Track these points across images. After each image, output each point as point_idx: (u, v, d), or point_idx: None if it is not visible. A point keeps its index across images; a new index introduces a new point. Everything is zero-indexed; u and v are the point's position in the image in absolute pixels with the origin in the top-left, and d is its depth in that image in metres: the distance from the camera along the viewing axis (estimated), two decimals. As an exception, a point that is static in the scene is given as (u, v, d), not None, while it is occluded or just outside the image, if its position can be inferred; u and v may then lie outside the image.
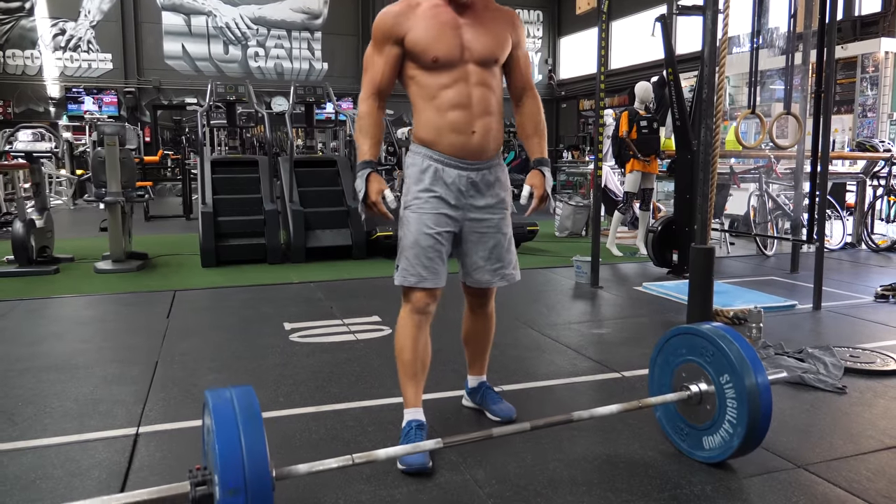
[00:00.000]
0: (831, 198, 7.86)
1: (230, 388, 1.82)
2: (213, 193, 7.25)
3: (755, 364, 2.26)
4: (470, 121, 2.37)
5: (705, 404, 2.37)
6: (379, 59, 2.40)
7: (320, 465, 1.87)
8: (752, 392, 2.22)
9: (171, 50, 19.09)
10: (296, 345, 4.01)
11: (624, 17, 18.54)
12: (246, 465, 1.62)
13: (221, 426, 1.67)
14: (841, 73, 12.43)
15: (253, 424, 1.68)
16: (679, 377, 2.46)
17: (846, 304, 5.04)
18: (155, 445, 2.63)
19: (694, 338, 2.42)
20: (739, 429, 2.25)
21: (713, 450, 2.37)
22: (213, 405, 1.73)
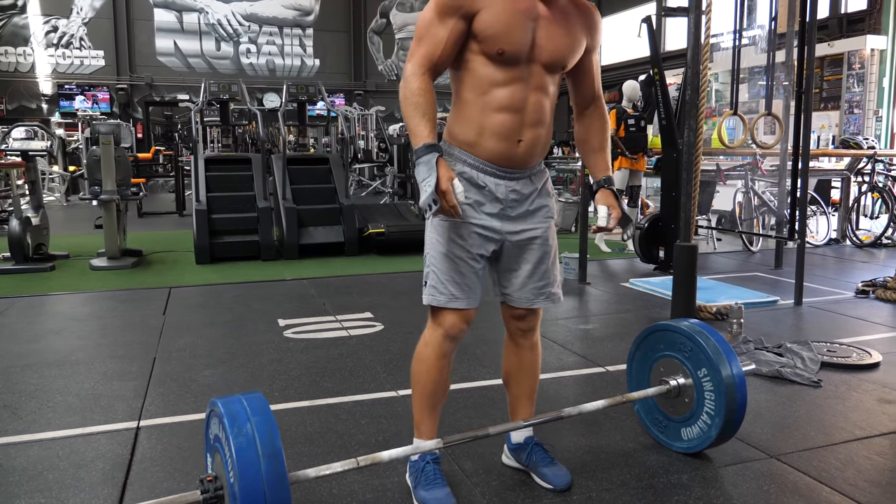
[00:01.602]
0: (816, 194, 8.01)
1: (241, 397, 1.80)
2: (207, 191, 7.33)
3: (730, 357, 2.37)
4: (519, 128, 2.08)
5: (684, 397, 2.48)
6: (442, 30, 2.01)
7: (327, 468, 1.92)
8: (729, 384, 2.33)
9: (163, 47, 19.12)
10: (290, 341, 4.11)
11: (614, 13, 18.65)
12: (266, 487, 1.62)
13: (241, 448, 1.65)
14: (828, 70, 12.59)
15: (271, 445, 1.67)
16: (657, 372, 2.57)
17: (827, 299, 5.17)
18: (156, 438, 2.73)
19: (672, 334, 2.53)
20: (717, 419, 2.37)
21: (691, 440, 2.48)
22: (229, 420, 1.70)
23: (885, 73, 12.03)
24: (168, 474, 2.43)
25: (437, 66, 2.04)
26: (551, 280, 2.28)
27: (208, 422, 1.89)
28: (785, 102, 6.06)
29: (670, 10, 5.32)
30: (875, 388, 3.25)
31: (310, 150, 11.60)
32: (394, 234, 7.22)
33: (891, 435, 2.74)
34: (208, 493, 1.73)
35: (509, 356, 2.40)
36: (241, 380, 3.44)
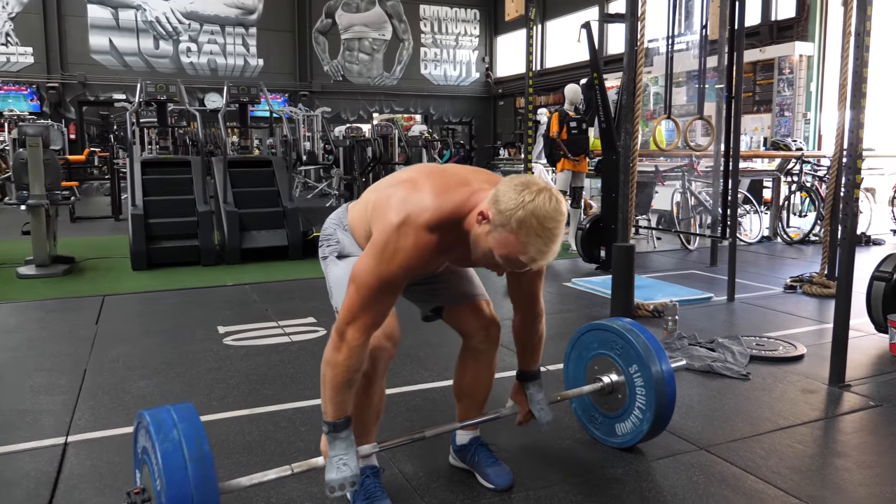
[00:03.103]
0: (749, 194, 8.28)
1: (169, 407, 1.77)
2: (144, 195, 7.17)
3: (660, 354, 2.45)
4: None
5: (617, 394, 2.55)
6: (391, 297, 1.92)
7: (261, 476, 1.91)
8: (658, 379, 2.41)
9: (98, 44, 18.59)
10: (230, 348, 4.06)
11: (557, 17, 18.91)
12: (194, 492, 1.60)
13: (167, 453, 1.62)
14: (760, 75, 13.00)
15: (198, 450, 1.65)
16: (592, 370, 2.64)
17: (758, 295, 5.35)
18: (85, 454, 2.66)
19: (605, 333, 2.60)
20: (648, 413, 2.44)
21: (625, 435, 2.55)
22: (155, 428, 1.69)
23: (813, 78, 12.48)
24: (97, 490, 2.37)
25: (377, 328, 1.95)
26: (477, 282, 2.32)
27: (136, 435, 1.86)
28: (718, 105, 6.23)
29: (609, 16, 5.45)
30: (799, 380, 3.39)
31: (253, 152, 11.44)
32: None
33: (811, 423, 2.88)
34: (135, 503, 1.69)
35: (466, 372, 2.36)
36: (177, 390, 3.38)
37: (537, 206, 1.69)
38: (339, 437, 1.93)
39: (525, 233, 1.69)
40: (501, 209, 1.71)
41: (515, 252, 1.72)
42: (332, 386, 1.91)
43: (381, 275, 1.84)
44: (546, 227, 1.69)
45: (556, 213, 1.71)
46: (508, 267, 1.80)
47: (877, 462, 2.54)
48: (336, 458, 1.92)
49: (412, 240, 1.81)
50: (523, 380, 2.34)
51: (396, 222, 1.82)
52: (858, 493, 2.32)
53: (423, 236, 1.82)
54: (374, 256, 1.85)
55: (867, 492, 2.32)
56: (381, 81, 21.84)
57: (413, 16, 22.13)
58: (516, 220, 1.69)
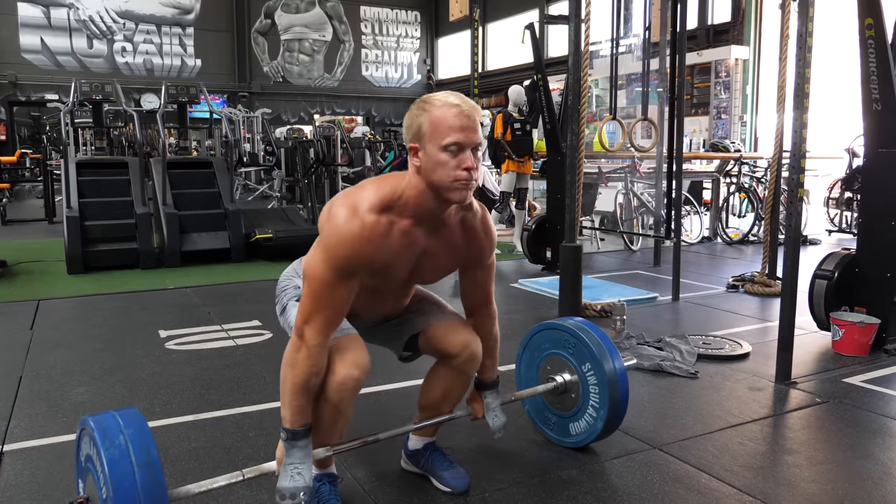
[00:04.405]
0: (690, 195, 8.44)
1: (115, 413, 1.70)
2: (80, 196, 6.92)
3: (612, 352, 2.46)
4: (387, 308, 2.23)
5: (570, 393, 2.55)
6: (344, 291, 1.87)
7: (210, 483, 1.84)
8: (612, 377, 2.41)
9: (29, 43, 17.98)
10: (172, 353, 3.94)
11: (499, 19, 19.04)
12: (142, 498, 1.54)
13: (114, 460, 1.55)
14: (698, 78, 13.32)
15: (146, 455, 1.58)
16: (545, 370, 2.63)
17: (702, 294, 5.46)
18: (22, 463, 2.54)
19: (556, 332, 2.59)
20: (602, 412, 2.44)
21: (579, 434, 2.55)
22: (100, 434, 1.61)
23: (749, 81, 12.84)
24: (36, 501, 2.27)
25: (337, 327, 1.92)
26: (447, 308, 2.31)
27: (79, 443, 1.77)
28: (660, 107, 6.35)
29: (552, 17, 5.47)
30: (746, 377, 3.45)
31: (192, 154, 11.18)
32: (282, 238, 7.06)
33: (761, 421, 2.93)
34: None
35: (438, 386, 2.28)
36: (118, 396, 3.26)
37: (425, 98, 1.84)
38: (297, 446, 1.89)
39: (439, 115, 1.78)
40: (409, 125, 1.83)
41: (447, 132, 1.77)
42: (291, 387, 1.87)
43: (332, 264, 1.82)
44: (445, 99, 1.80)
45: (440, 94, 1.84)
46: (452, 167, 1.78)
47: (826, 458, 2.59)
48: (291, 467, 1.87)
49: (358, 224, 1.81)
50: (481, 388, 2.32)
51: (342, 214, 1.83)
52: (811, 489, 2.36)
53: (369, 219, 1.82)
54: (324, 248, 1.85)
55: (819, 488, 2.36)
56: (322, 83, 21.65)
57: (353, 17, 22.01)
58: (426, 118, 1.79)
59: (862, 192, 4.19)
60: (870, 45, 3.79)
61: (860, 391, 3.27)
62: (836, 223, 9.10)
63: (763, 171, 8.48)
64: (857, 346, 3.79)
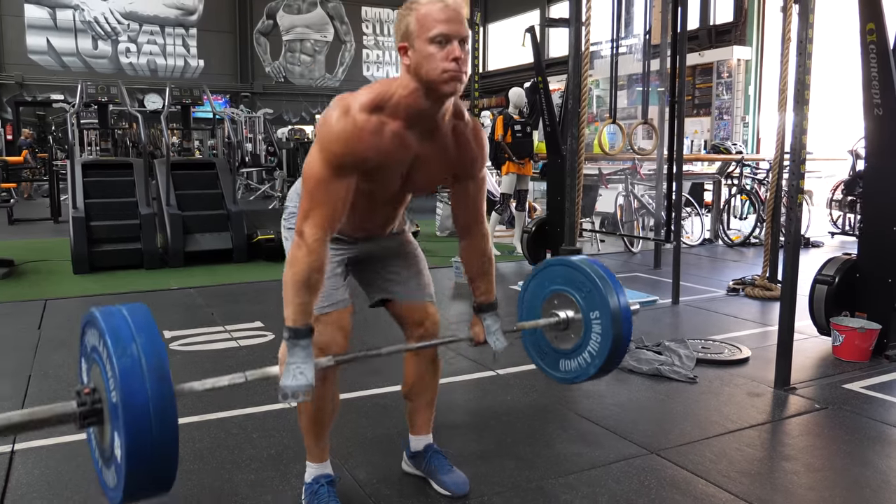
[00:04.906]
0: (690, 197, 8.46)
1: (123, 309, 1.64)
2: (85, 197, 6.97)
3: (626, 313, 2.34)
4: (377, 221, 2.23)
5: (570, 332, 2.44)
6: (341, 187, 1.90)
7: (214, 381, 1.81)
8: (618, 333, 2.31)
9: (35, 44, 18.12)
10: (177, 353, 3.98)
11: (499, 20, 19.06)
12: (149, 386, 1.50)
13: (118, 344, 1.52)
14: (699, 78, 13.33)
15: (151, 341, 1.56)
16: (550, 303, 2.51)
17: (702, 297, 5.48)
18: (33, 462, 2.59)
19: (573, 272, 2.46)
20: (597, 360, 2.35)
21: (569, 373, 2.47)
22: (106, 323, 1.57)
23: (751, 82, 12.85)
24: (47, 500, 2.31)
25: (336, 225, 1.95)
26: (427, 282, 2.35)
27: (84, 331, 1.72)
28: (660, 108, 6.38)
29: (552, 20, 5.50)
30: (745, 383, 3.48)
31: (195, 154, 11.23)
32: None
33: (759, 427, 2.96)
34: (85, 405, 1.58)
35: (409, 369, 2.39)
36: (124, 397, 3.30)
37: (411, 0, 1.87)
38: (299, 345, 1.88)
39: (425, 11, 1.81)
40: (398, 27, 1.87)
41: (433, 25, 1.80)
42: (293, 284, 1.88)
43: (326, 161, 1.87)
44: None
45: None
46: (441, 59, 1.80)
47: (824, 465, 2.61)
48: (293, 366, 1.86)
49: (351, 122, 1.86)
50: (480, 311, 2.32)
51: (335, 114, 1.87)
52: (808, 496, 2.38)
53: (360, 117, 1.87)
54: (319, 147, 1.89)
55: (817, 495, 2.39)
56: (323, 83, 21.70)
57: (355, 17, 22.03)
58: (412, 16, 1.83)
59: (863, 196, 4.21)
60: (871, 50, 3.81)
61: (860, 397, 3.28)
62: (838, 225, 9.11)
63: (765, 174, 8.49)
64: (857, 351, 3.80)
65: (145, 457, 1.48)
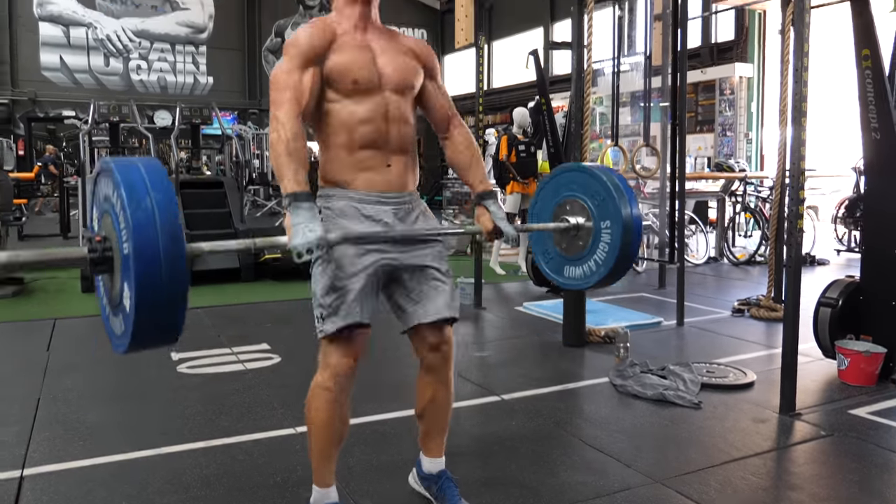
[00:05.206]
0: (694, 214, 8.48)
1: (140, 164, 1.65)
2: (94, 216, 7.04)
3: (637, 226, 2.37)
4: (386, 156, 2.19)
5: (579, 240, 2.47)
6: (305, 77, 2.08)
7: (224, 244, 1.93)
8: (626, 245, 2.34)
9: (49, 61, 18.36)
10: (184, 376, 4.01)
11: (504, 38, 19.16)
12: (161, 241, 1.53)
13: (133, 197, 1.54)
14: (702, 95, 13.37)
15: (166, 197, 1.58)
16: (563, 208, 2.53)
17: (707, 318, 5.49)
18: (41, 489, 2.61)
19: (590, 179, 2.46)
20: (602, 270, 2.39)
21: (571, 279, 2.53)
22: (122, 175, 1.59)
23: (753, 98, 12.87)
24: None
25: (304, 113, 2.09)
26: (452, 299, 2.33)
27: (97, 180, 1.74)
28: (663, 125, 6.40)
29: (555, 44, 5.57)
30: (750, 408, 3.47)
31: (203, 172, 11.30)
32: (290, 259, 7.12)
33: (764, 454, 2.95)
34: (96, 252, 1.61)
35: (423, 392, 2.38)
36: (132, 420, 3.34)
37: None
38: (302, 207, 1.94)
39: None
40: None
41: None
42: (280, 157, 2.00)
43: (290, 55, 2.09)
44: None
45: None
46: None
47: (830, 495, 2.59)
48: (300, 226, 1.91)
49: (306, 28, 2.16)
50: (481, 199, 2.36)
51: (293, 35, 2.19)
52: (809, 523, 2.38)
53: (314, 24, 2.18)
54: (284, 54, 2.13)
55: (820, 524, 2.38)
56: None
57: (363, 35, 22.12)
58: None
59: (864, 219, 4.22)
60: (867, 75, 3.85)
61: (866, 423, 3.27)
62: (844, 242, 9.08)
63: (768, 191, 8.49)
64: (863, 375, 3.78)
65: (154, 308, 1.54)
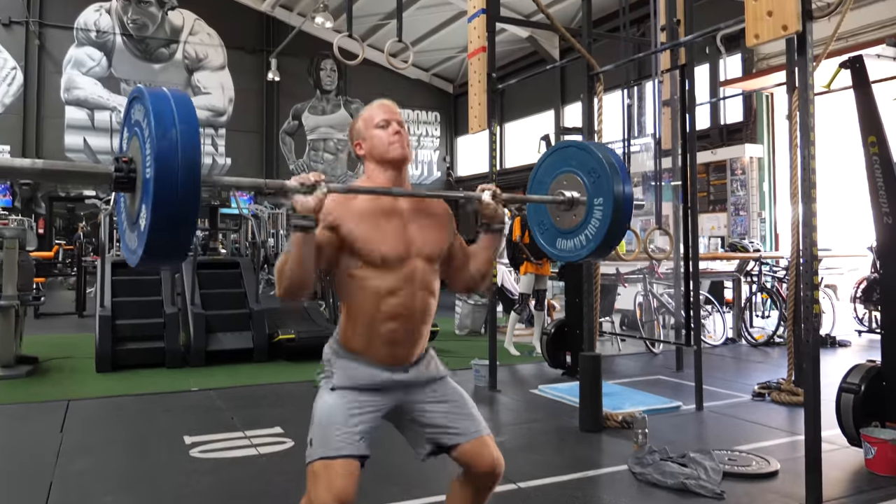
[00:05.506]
0: (711, 294, 8.44)
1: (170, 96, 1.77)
2: (113, 296, 7.12)
3: (627, 205, 2.47)
4: (407, 330, 2.17)
5: (573, 213, 2.58)
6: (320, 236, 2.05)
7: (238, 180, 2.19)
8: (615, 222, 2.45)
9: (73, 143, 18.98)
10: (196, 461, 3.97)
11: (516, 119, 19.57)
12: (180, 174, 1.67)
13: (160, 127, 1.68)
14: (713, 175, 13.51)
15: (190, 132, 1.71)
16: (560, 182, 2.63)
17: (727, 403, 5.39)
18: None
19: (588, 156, 2.56)
20: (591, 244, 2.52)
21: (563, 251, 2.65)
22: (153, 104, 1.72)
23: (765, 178, 12.98)
24: None
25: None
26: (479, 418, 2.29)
27: (131, 103, 1.86)
28: (674, 205, 6.44)
29: (567, 129, 5.68)
30: (775, 499, 3.39)
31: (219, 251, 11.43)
32: (304, 339, 7.15)
33: (789, 549, 2.86)
34: (122, 172, 1.76)
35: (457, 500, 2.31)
36: (144, 509, 3.30)
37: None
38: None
39: (367, 113, 2.27)
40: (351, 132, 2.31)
41: (375, 116, 2.23)
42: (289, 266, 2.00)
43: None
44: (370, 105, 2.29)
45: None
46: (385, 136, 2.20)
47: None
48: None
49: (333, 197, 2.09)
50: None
51: None
52: None
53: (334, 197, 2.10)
54: None
55: None
56: (345, 180, 22.18)
57: (377, 118, 22.71)
58: (360, 120, 2.28)
59: (882, 305, 4.19)
60: (875, 161, 3.90)
61: (895, 518, 3.16)
62: (864, 323, 8.96)
63: (784, 271, 8.46)
64: (891, 465, 3.67)
65: (165, 231, 1.69)
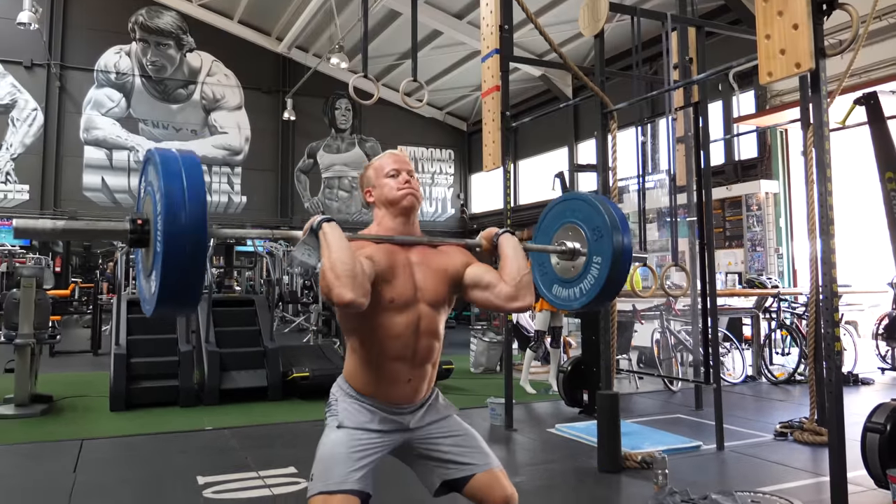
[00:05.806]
0: (729, 331, 8.33)
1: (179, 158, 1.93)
2: (128, 334, 7.13)
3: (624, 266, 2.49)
4: (409, 371, 2.20)
5: (571, 265, 2.63)
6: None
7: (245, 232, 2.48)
8: (610, 285, 2.49)
9: (91, 182, 19.25)
10: (209, 502, 3.94)
11: (529, 157, 19.65)
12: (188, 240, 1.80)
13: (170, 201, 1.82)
14: (729, 211, 13.45)
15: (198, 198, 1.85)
16: (565, 232, 2.67)
17: (748, 442, 5.28)
18: None
19: (595, 213, 2.57)
20: (584, 299, 2.58)
21: (558, 298, 2.71)
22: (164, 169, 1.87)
23: (781, 214, 12.90)
24: None
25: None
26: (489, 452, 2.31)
27: (145, 166, 2.04)
28: (691, 241, 6.40)
29: (581, 166, 5.71)
30: (798, 541, 3.30)
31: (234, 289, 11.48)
32: (318, 377, 7.11)
33: None
34: (136, 233, 1.92)
35: None
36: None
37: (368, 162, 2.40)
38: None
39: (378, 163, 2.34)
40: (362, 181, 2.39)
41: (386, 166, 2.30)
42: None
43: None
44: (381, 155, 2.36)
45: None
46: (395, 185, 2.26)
47: None
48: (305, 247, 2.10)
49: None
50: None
51: None
52: None
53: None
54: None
55: None
56: (359, 217, 22.33)
57: (391, 156, 22.93)
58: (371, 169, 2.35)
59: (904, 342, 4.12)
60: (893, 197, 3.88)
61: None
62: (888, 360, 8.79)
63: (803, 308, 8.36)
64: (918, 507, 3.58)
65: (176, 287, 1.83)
